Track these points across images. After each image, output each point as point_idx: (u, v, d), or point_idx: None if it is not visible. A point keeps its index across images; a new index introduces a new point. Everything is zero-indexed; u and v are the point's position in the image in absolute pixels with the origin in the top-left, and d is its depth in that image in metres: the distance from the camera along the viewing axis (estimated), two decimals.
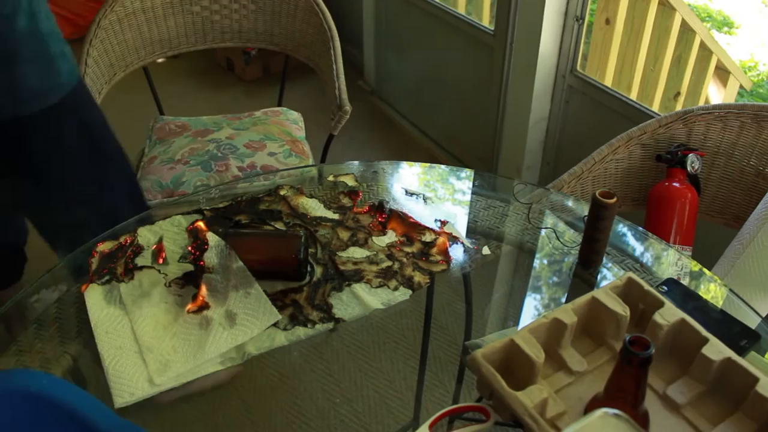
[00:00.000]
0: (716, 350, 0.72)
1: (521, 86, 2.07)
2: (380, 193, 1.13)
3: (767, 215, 1.16)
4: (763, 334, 0.83)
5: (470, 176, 1.23)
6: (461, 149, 2.59)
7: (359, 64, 3.10)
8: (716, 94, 2.39)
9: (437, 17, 2.45)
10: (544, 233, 1.06)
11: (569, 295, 0.96)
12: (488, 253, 1.01)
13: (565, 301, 0.95)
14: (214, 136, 1.68)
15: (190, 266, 0.94)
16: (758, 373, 0.69)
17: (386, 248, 1.00)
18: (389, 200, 1.10)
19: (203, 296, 0.88)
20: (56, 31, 1.10)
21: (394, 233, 1.03)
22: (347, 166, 1.20)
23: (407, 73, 2.82)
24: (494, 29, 2.15)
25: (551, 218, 1.10)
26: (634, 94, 2.13)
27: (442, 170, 1.24)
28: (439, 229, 1.04)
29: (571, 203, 1.15)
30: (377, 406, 0.83)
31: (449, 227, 1.04)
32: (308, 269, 0.95)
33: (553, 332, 0.76)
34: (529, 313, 0.96)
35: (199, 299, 0.88)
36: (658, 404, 0.73)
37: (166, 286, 0.91)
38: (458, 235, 1.03)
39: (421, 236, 1.02)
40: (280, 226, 1.04)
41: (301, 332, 0.86)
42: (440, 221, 1.05)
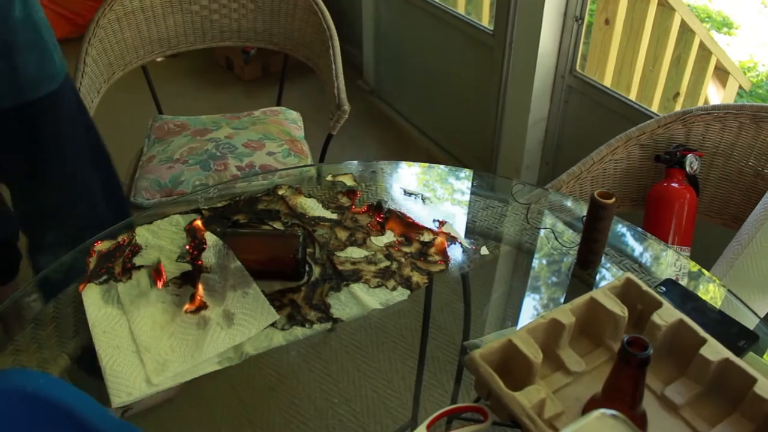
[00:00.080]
0: (714, 351, 0.72)
1: (520, 86, 2.07)
2: (379, 193, 1.13)
3: (766, 216, 1.16)
4: (761, 334, 0.83)
5: (469, 176, 1.23)
6: (460, 149, 2.59)
7: (358, 63, 3.10)
8: (715, 94, 2.39)
9: (437, 17, 2.45)
10: (542, 233, 1.06)
11: (568, 295, 0.96)
12: (487, 253, 1.01)
13: (563, 301, 0.95)
14: (212, 135, 1.68)
15: (187, 266, 0.94)
16: (756, 373, 0.69)
17: (384, 248, 1.00)
18: (388, 200, 1.10)
19: (201, 296, 0.88)
20: (46, 20, 1.13)
21: (392, 233, 1.03)
22: (346, 165, 1.20)
23: (406, 73, 2.82)
24: (494, 29, 2.15)
25: (550, 218, 1.10)
26: (633, 94, 2.13)
27: (440, 170, 1.24)
28: (437, 229, 1.04)
29: (569, 203, 1.15)
30: (375, 405, 0.83)
31: (448, 227, 1.04)
32: (306, 269, 0.95)
33: (551, 333, 0.76)
34: (527, 313, 0.96)
35: (196, 299, 0.88)
36: (656, 405, 0.73)
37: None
38: (457, 235, 1.03)
39: (419, 236, 1.02)
40: (278, 225, 1.04)
41: (299, 332, 0.85)
42: (438, 221, 1.05)
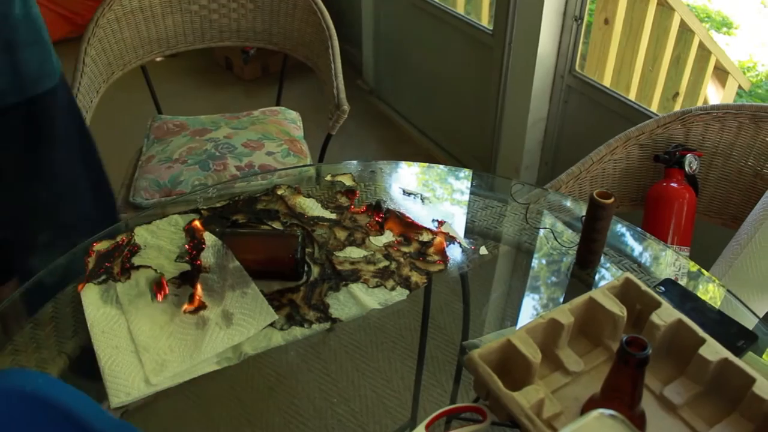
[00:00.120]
0: (713, 351, 0.72)
1: (520, 86, 2.07)
2: (378, 192, 1.13)
3: (765, 215, 1.16)
4: (760, 334, 0.83)
5: (468, 176, 1.23)
6: (460, 149, 2.59)
7: (358, 63, 3.10)
8: (715, 94, 2.39)
9: (436, 17, 2.45)
10: (541, 233, 1.06)
11: (567, 295, 0.96)
12: (486, 253, 1.01)
13: (562, 301, 0.95)
14: (212, 135, 1.68)
15: (186, 266, 0.94)
16: (755, 373, 0.69)
17: (383, 248, 1.00)
18: (387, 200, 1.10)
19: (200, 296, 0.88)
20: (42, 17, 1.13)
21: (391, 233, 1.03)
22: (345, 165, 1.20)
23: (406, 73, 2.82)
24: (493, 29, 2.15)
25: (549, 218, 1.10)
26: (632, 94, 2.13)
27: (440, 170, 1.24)
28: (436, 229, 1.04)
29: (569, 203, 1.15)
30: (375, 405, 0.83)
31: (446, 227, 1.04)
32: (305, 269, 0.95)
33: (550, 332, 0.76)
34: (526, 313, 0.96)
35: (195, 299, 0.88)
36: (654, 405, 0.73)
37: None
38: (456, 235, 1.03)
39: (418, 236, 1.02)
40: (277, 225, 1.04)
41: (297, 332, 0.85)
42: (438, 221, 1.05)
